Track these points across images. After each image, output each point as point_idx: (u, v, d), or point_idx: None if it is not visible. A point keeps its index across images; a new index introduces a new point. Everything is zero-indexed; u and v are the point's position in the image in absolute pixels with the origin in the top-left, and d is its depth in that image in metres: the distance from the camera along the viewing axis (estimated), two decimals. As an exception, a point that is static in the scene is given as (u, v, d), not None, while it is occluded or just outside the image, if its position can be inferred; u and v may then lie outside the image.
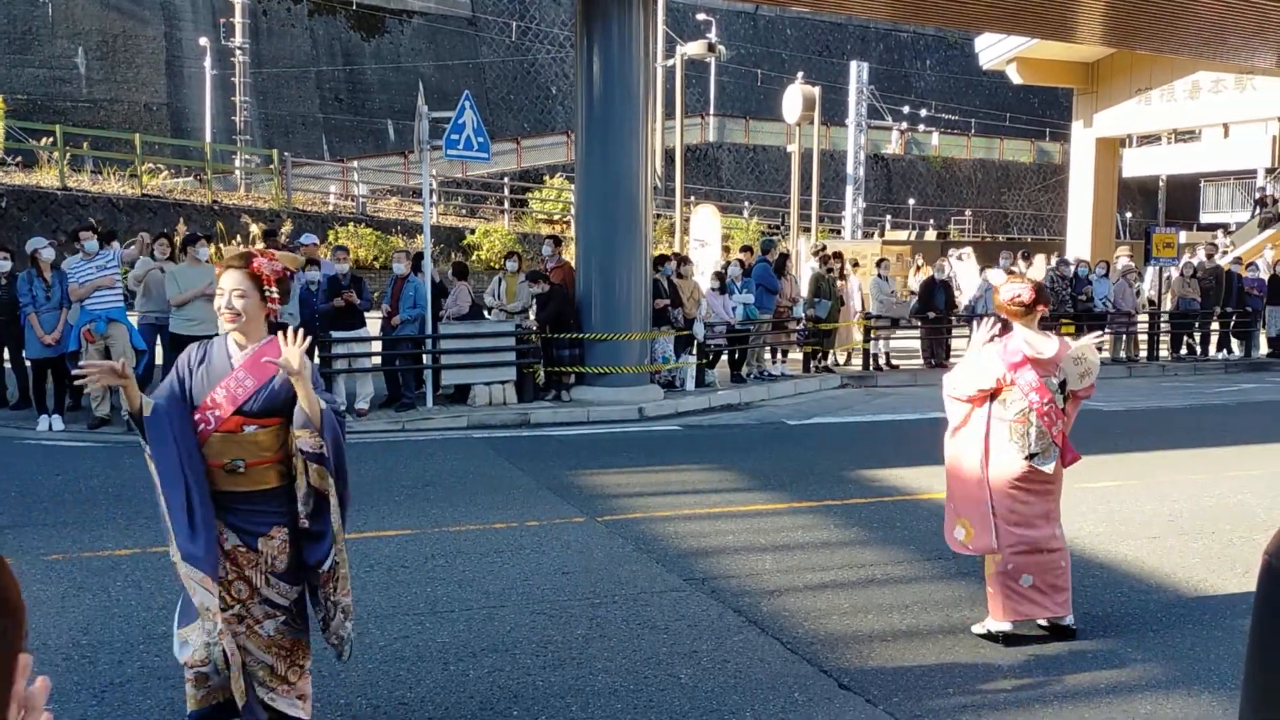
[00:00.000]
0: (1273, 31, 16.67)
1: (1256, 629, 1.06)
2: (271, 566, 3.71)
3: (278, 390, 3.66)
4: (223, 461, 3.65)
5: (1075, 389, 5.09)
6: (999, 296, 5.16)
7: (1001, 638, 5.00)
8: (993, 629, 5.04)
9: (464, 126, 12.06)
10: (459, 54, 40.23)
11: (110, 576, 5.83)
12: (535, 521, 7.14)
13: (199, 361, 3.73)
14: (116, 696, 4.31)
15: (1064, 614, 5.05)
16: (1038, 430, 4.96)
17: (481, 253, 24.94)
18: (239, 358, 3.70)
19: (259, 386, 3.66)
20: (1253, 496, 8.10)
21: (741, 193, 38.46)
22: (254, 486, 3.68)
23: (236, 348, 3.73)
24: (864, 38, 50.33)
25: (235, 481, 3.66)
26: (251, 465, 3.67)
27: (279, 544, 3.71)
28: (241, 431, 3.66)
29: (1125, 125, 28.03)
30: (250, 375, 3.67)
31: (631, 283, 12.73)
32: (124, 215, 21.47)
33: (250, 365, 3.68)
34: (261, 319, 3.74)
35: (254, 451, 3.67)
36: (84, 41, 33.19)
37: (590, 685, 4.47)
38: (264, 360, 3.65)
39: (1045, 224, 44.99)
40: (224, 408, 3.64)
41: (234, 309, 3.66)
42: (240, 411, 3.65)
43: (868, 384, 15.36)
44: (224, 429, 3.64)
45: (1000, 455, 5.02)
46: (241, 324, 3.68)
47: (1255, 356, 18.76)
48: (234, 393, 3.65)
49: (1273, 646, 1.00)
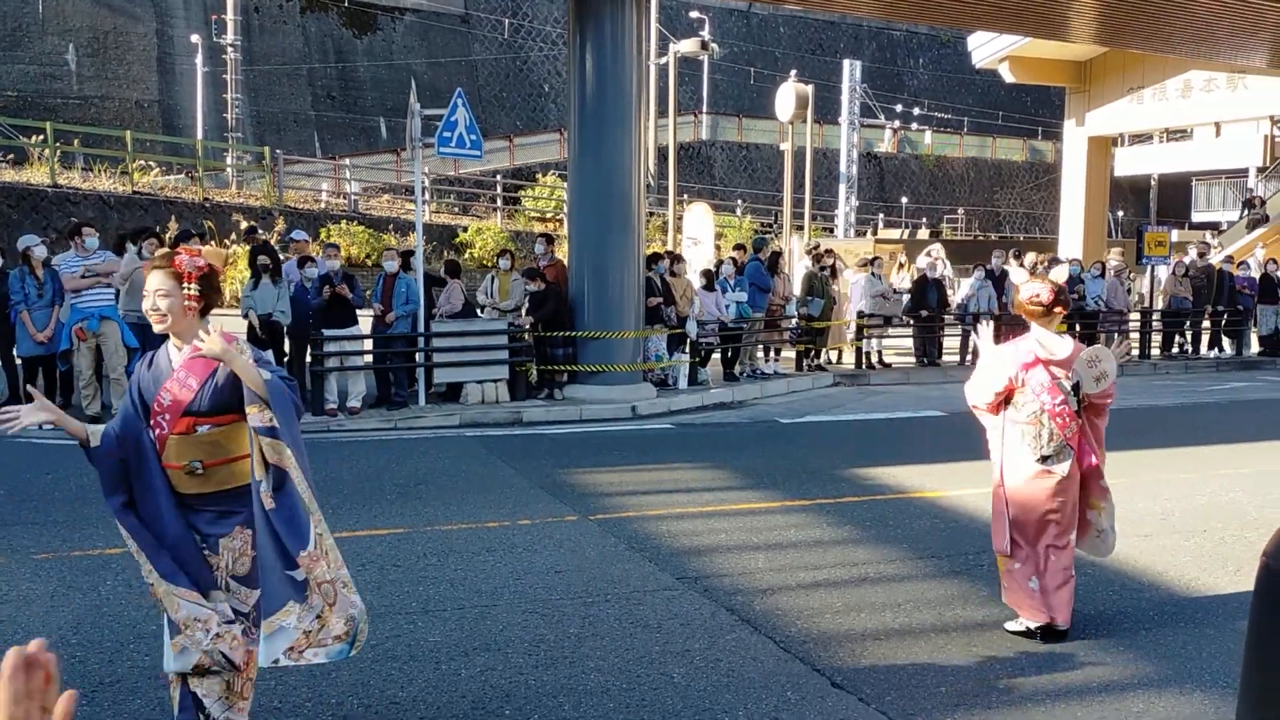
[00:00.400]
0: (1265, 31, 16.71)
1: (1254, 629, 1.05)
2: (232, 569, 3.65)
3: (223, 386, 3.59)
4: (181, 464, 3.60)
5: (1090, 392, 5.02)
6: (1018, 296, 5.20)
7: (1039, 633, 5.02)
8: (1031, 626, 5.06)
9: (456, 124, 12.04)
10: (451, 51, 40.16)
11: (100, 575, 5.81)
12: (528, 520, 7.13)
13: (147, 366, 3.69)
14: (107, 696, 4.29)
15: (1059, 619, 5.03)
16: (1049, 432, 4.96)
17: (474, 250, 24.89)
18: (178, 359, 3.65)
19: (202, 384, 3.60)
20: (1244, 495, 8.12)
21: (735, 191, 38.47)
22: (216, 488, 3.62)
23: (175, 350, 3.67)
24: (857, 36, 50.35)
25: (196, 483, 3.61)
26: (210, 465, 3.61)
27: (240, 545, 3.65)
28: (195, 432, 3.60)
29: (1117, 124, 28.08)
30: (191, 374, 3.61)
31: (624, 281, 12.72)
32: (115, 213, 21.38)
33: (189, 364, 3.62)
34: (191, 318, 3.62)
35: (211, 452, 3.61)
36: (75, 38, 33.06)
37: (583, 684, 4.46)
38: (194, 356, 3.59)
39: (1037, 222, 45.07)
40: (171, 410, 3.59)
41: (158, 310, 3.58)
42: (189, 412, 3.59)
43: (860, 382, 15.37)
44: (177, 431, 3.58)
45: (1015, 458, 5.05)
46: (169, 324, 3.60)
47: (1246, 355, 18.83)
48: (178, 395, 3.60)
49: (1270, 646, 0.99)
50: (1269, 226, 28.76)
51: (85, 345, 10.31)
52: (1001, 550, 5.12)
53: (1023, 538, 5.05)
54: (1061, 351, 5.02)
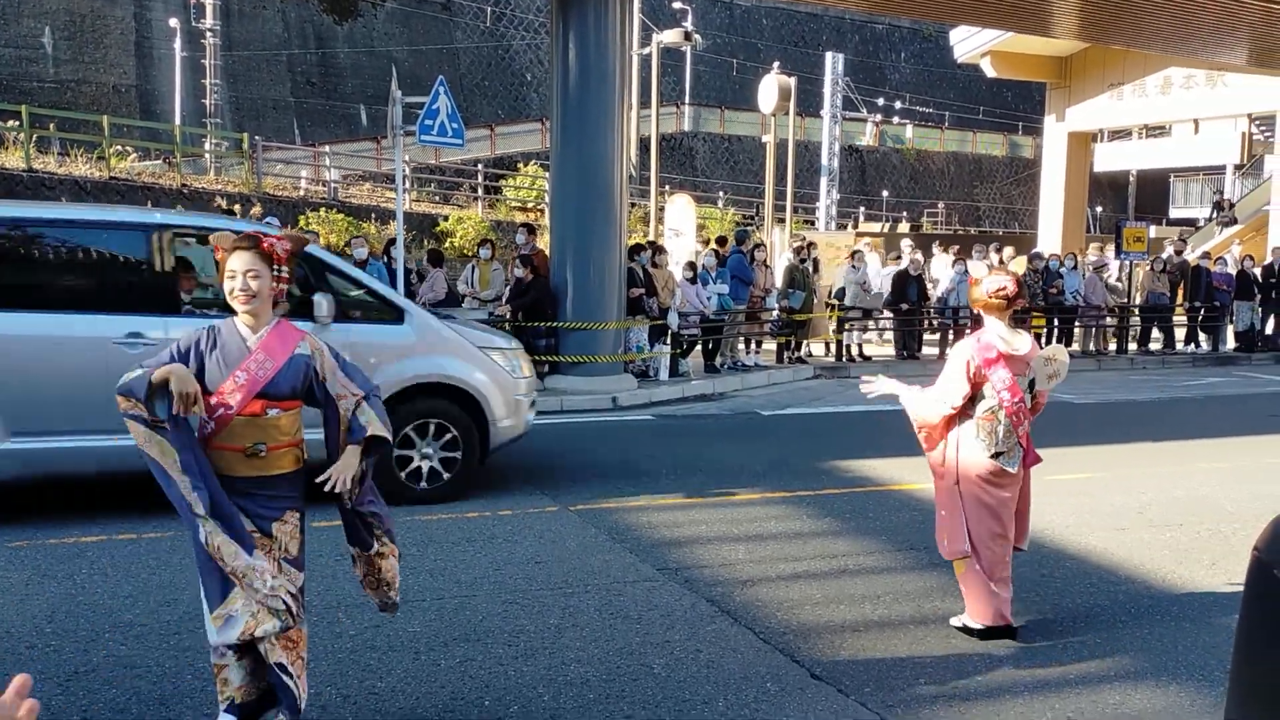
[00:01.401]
0: (1244, 28, 16.82)
1: (1244, 622, 1.05)
2: (285, 551, 3.68)
3: (297, 371, 3.66)
4: (244, 445, 3.60)
5: (1042, 389, 5.01)
6: (979, 289, 4.99)
7: (978, 633, 4.99)
8: (970, 625, 5.02)
9: (438, 112, 11.97)
10: (433, 39, 39.95)
11: (76, 564, 5.75)
12: (508, 511, 7.11)
13: (211, 346, 3.64)
14: (82, 685, 4.25)
15: (1008, 616, 4.98)
16: (1005, 428, 4.90)
17: (455, 240, 24.78)
18: (254, 340, 3.65)
19: (279, 368, 3.63)
20: (1220, 489, 8.19)
21: (716, 182, 38.46)
22: (272, 471, 3.65)
23: (249, 330, 3.67)
24: (840, 29, 50.42)
25: (254, 466, 3.62)
26: (272, 449, 3.64)
27: (291, 529, 3.70)
28: (265, 415, 3.62)
29: (1097, 120, 28.22)
30: (270, 358, 3.63)
31: (606, 271, 12.70)
32: (91, 198, 21.17)
33: (268, 347, 3.64)
34: (271, 300, 3.68)
35: (274, 435, 3.64)
36: (51, 21, 32.69)
37: (562, 675, 4.45)
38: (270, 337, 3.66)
39: (1017, 217, 45.29)
40: (245, 391, 3.58)
41: (249, 290, 3.60)
42: (263, 394, 3.61)
43: (840, 375, 15.41)
44: (247, 412, 3.59)
45: (967, 452, 4.97)
46: (256, 305, 3.62)
47: (1223, 351, 18.99)
48: (255, 375, 3.60)
49: (1260, 640, 0.99)
50: (1245, 224, 29.00)
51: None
52: (962, 553, 4.97)
53: (975, 537, 4.96)
54: (1023, 347, 4.94)
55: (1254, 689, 1.00)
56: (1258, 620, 1.01)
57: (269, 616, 3.59)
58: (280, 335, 3.68)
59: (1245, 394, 14.49)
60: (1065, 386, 14.28)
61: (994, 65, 26.28)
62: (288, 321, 3.76)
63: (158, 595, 5.28)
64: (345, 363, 3.82)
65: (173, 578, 5.53)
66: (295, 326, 3.78)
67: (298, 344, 3.69)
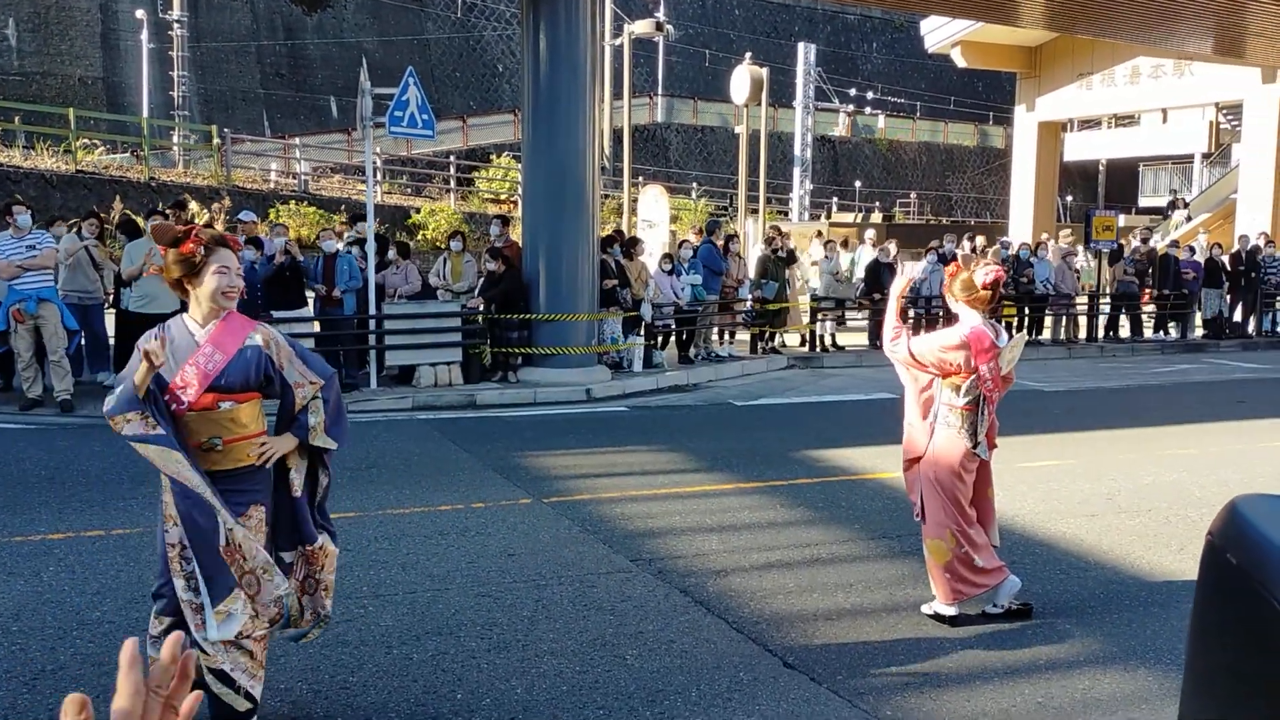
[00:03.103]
0: (1211, 17, 16.97)
1: (1196, 607, 1.06)
2: None
3: (249, 363, 3.65)
4: (200, 440, 3.60)
5: (1007, 373, 5.14)
6: (959, 281, 5.05)
7: (948, 619, 5.03)
8: (941, 612, 5.06)
9: (408, 104, 11.90)
10: (403, 30, 39.68)
11: (43, 561, 5.69)
12: (481, 503, 7.09)
13: (160, 340, 3.64)
14: (49, 684, 4.21)
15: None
16: (984, 419, 5.01)
17: (427, 232, 24.68)
18: (201, 334, 3.65)
19: (229, 361, 3.62)
20: (1188, 475, 8.28)
21: (690, 173, 38.46)
22: (230, 465, 3.64)
23: (196, 325, 3.68)
24: (811, 19, 50.48)
25: (213, 460, 3.61)
26: (229, 443, 3.63)
27: (255, 523, 3.68)
28: (217, 409, 3.62)
29: (1067, 109, 28.43)
30: (219, 350, 3.62)
31: (579, 263, 12.67)
32: (58, 192, 20.92)
33: (216, 339, 3.64)
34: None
35: (230, 429, 3.63)
36: (15, 12, 32.24)
37: (536, 667, 4.45)
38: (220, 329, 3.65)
39: (988, 207, 45.56)
40: (195, 385, 3.58)
41: (238, 286, 3.71)
42: (214, 388, 3.60)
43: (814, 365, 15.46)
44: (198, 407, 3.59)
45: (948, 443, 5.02)
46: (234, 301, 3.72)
47: (1191, 338, 19.19)
48: (204, 369, 3.59)
49: (1211, 626, 0.99)
50: (1213, 213, 29.31)
51: (23, 327, 10.06)
52: (955, 532, 5.01)
53: (955, 520, 5.04)
54: (1003, 339, 5.06)
55: (1207, 675, 1.00)
56: (1208, 605, 1.02)
57: (263, 620, 3.67)
58: (229, 328, 3.67)
59: (1213, 381, 14.65)
60: (1036, 373, 14.45)
61: (964, 55, 26.41)
62: (237, 314, 3.75)
63: (125, 593, 5.23)
64: (302, 350, 3.83)
65: (140, 574, 5.47)
66: (246, 319, 3.77)
67: (248, 336, 3.68)
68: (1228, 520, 1.01)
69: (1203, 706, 0.99)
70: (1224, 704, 0.95)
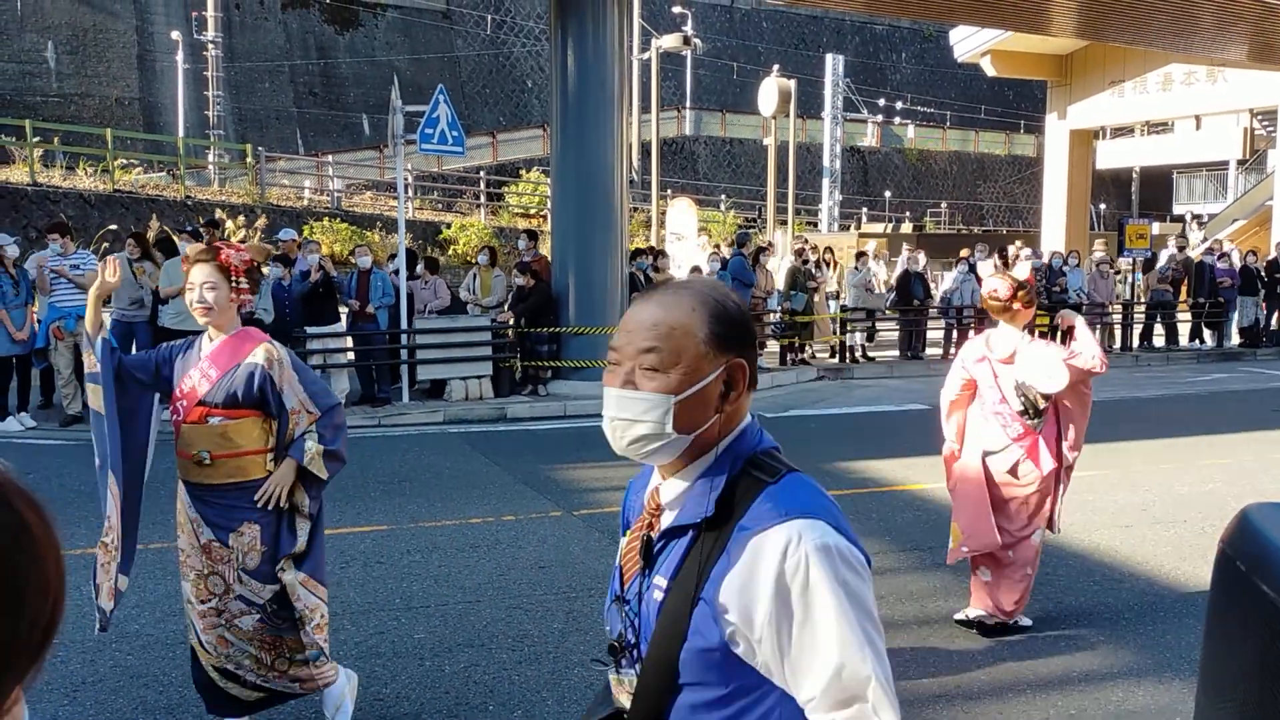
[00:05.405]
0: (1243, 23, 16.82)
1: (1209, 616, 1.07)
2: (243, 564, 3.69)
3: (239, 381, 3.65)
4: (191, 452, 3.67)
5: (1049, 391, 4.92)
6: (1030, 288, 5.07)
7: (983, 628, 5.02)
8: (971, 616, 5.08)
9: (438, 120, 12.02)
10: (433, 47, 40.03)
11: (83, 575, 5.73)
12: (512, 516, 7.13)
13: (183, 351, 3.77)
14: (89, 695, 4.28)
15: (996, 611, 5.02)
16: (996, 428, 4.99)
17: (458, 247, 24.84)
18: (207, 349, 3.72)
19: (220, 377, 3.66)
20: (1224, 485, 8.18)
21: (718, 186, 38.48)
22: (223, 480, 3.67)
23: (207, 340, 3.76)
24: (840, 30, 50.42)
25: (203, 473, 3.67)
26: (218, 458, 3.66)
27: (250, 540, 3.69)
28: (206, 423, 3.66)
29: (1099, 117, 28.20)
30: (214, 365, 3.68)
31: (608, 276, 12.72)
32: (96, 211, 21.25)
33: (215, 355, 3.69)
34: (233, 310, 3.73)
35: (220, 444, 3.66)
36: (54, 35, 32.83)
37: (566, 679, 4.47)
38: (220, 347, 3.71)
39: (1020, 216, 45.24)
40: (189, 397, 3.66)
41: (205, 302, 3.66)
42: (203, 402, 3.66)
43: (844, 376, 15.42)
44: (190, 420, 3.67)
45: (974, 449, 5.05)
46: (214, 317, 3.67)
47: (1227, 346, 18.95)
48: (197, 383, 3.67)
49: (1223, 634, 1.01)
50: (1249, 219, 28.96)
51: (63, 344, 10.24)
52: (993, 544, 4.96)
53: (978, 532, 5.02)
54: (1002, 350, 4.98)
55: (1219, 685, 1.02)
56: (1221, 614, 1.03)
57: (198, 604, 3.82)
58: (233, 344, 3.70)
59: (1250, 389, 14.46)
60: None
61: (994, 64, 26.28)
62: (250, 331, 3.79)
63: (164, 605, 5.31)
64: (309, 376, 3.81)
65: (178, 588, 5.55)
66: (255, 336, 3.79)
67: (250, 353, 3.69)
68: (1238, 528, 1.03)
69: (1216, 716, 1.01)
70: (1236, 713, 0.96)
